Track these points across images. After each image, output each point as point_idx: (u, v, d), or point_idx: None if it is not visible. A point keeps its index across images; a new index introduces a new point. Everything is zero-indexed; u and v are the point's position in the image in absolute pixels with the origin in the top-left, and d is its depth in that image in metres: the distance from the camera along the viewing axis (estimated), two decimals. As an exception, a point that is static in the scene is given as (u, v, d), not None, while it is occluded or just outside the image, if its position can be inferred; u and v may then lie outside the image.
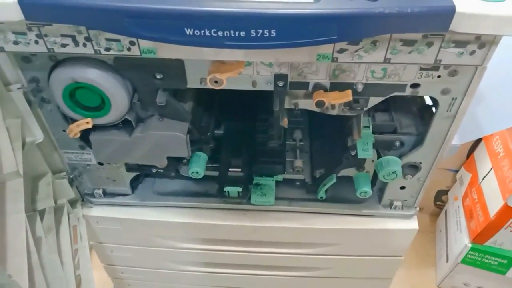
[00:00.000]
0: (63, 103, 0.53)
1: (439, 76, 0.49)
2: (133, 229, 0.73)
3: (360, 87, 0.51)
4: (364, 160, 0.62)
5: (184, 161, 0.67)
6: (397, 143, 0.60)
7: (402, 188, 0.65)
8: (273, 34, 0.40)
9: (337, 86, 0.51)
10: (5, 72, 0.53)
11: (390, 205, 0.68)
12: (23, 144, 0.56)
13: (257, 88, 0.52)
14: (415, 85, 0.50)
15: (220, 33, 0.40)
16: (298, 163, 0.70)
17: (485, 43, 0.44)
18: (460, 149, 1.07)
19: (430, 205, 1.28)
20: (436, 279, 1.17)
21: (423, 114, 0.60)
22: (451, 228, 1.12)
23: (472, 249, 1.01)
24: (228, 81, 0.49)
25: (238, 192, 0.67)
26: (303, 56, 0.46)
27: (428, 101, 0.59)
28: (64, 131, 0.58)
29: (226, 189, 0.67)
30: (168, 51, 0.46)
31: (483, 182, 1.00)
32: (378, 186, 0.68)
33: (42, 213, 0.62)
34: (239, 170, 0.67)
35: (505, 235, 0.95)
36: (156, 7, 0.39)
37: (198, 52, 0.46)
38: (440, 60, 0.46)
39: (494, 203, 0.92)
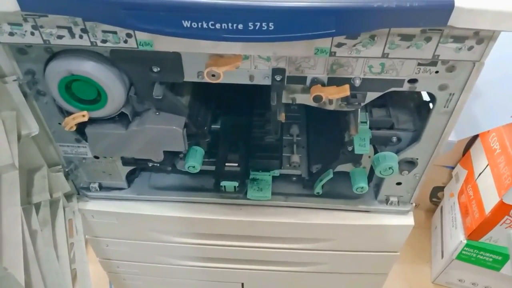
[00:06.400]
0: (59, 95, 0.53)
1: (437, 72, 0.49)
2: (129, 223, 0.72)
3: (357, 82, 0.50)
4: (361, 155, 0.63)
5: (181, 155, 0.67)
6: (394, 139, 0.60)
7: (399, 184, 0.65)
8: (271, 27, 0.40)
9: (334, 81, 0.51)
10: (1, 64, 0.52)
11: (386, 200, 0.69)
12: (19, 136, 0.55)
13: (255, 82, 0.52)
14: (412, 81, 0.50)
15: (217, 25, 0.40)
16: (295, 158, 0.70)
17: (483, 38, 0.44)
18: (456, 146, 1.08)
19: (426, 201, 1.29)
20: (431, 275, 1.18)
21: (420, 110, 0.60)
22: (447, 224, 1.13)
23: (467, 245, 1.01)
24: (225, 75, 0.48)
25: (235, 187, 0.67)
26: (301, 50, 0.46)
27: (426, 97, 0.59)
28: (59, 124, 0.58)
29: (223, 183, 0.66)
30: (165, 43, 0.46)
31: (479, 178, 1.00)
32: (375, 182, 0.68)
33: (37, 206, 0.62)
34: (236, 164, 0.67)
35: (500, 231, 0.96)
36: (153, -1, 0.39)
37: (196, 45, 0.45)
38: (438, 55, 0.46)
39: (490, 200, 0.93)
